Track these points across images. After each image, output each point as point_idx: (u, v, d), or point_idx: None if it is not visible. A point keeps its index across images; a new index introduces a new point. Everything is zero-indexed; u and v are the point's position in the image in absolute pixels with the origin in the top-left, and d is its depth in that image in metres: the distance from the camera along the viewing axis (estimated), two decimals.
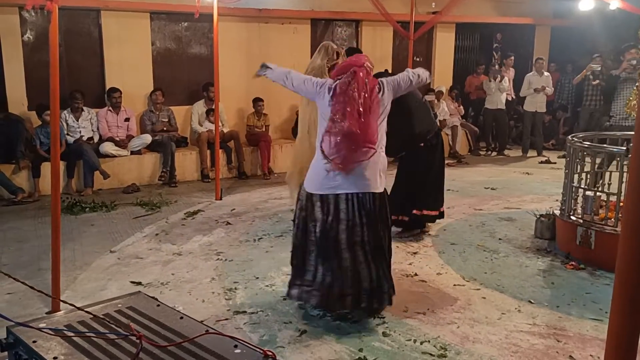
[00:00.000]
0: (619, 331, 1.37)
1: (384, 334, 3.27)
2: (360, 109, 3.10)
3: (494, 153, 9.70)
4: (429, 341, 3.19)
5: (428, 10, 9.09)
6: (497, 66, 9.85)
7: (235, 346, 1.32)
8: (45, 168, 6.35)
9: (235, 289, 3.91)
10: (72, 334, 1.31)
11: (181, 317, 1.46)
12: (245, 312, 3.54)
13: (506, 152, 9.66)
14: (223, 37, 6.84)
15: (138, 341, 1.24)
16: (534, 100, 9.38)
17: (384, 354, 3.05)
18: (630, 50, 7.03)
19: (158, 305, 1.54)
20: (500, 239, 5.06)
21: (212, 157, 7.29)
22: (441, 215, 5.05)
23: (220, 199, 6.41)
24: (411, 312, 3.55)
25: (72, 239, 4.95)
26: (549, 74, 9.61)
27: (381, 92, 3.29)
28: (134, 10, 7.44)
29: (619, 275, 1.33)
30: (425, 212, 4.89)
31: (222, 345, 1.31)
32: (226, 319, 3.44)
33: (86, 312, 1.39)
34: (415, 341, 3.19)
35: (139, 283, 4.02)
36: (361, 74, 3.20)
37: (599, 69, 8.75)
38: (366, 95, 3.15)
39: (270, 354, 1.28)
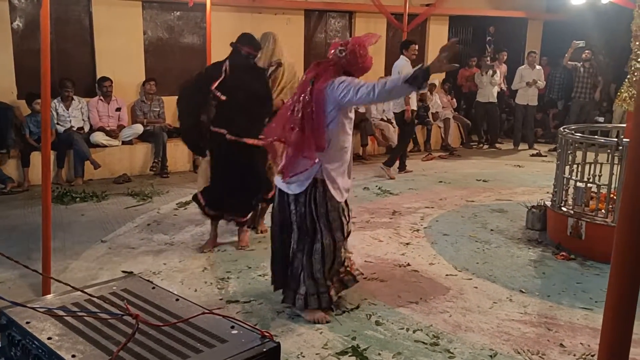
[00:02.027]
0: (614, 320, 1.38)
1: (377, 323, 3.28)
2: (293, 119, 3.01)
3: (486, 146, 9.74)
4: (421, 330, 3.21)
5: (422, 3, 9.09)
6: (489, 59, 9.87)
7: (232, 327, 1.31)
8: (35, 157, 6.27)
9: (228, 278, 3.90)
10: (66, 315, 1.30)
11: (177, 299, 1.45)
12: (238, 301, 3.54)
13: (498, 145, 9.70)
14: (216, 27, 6.78)
15: (134, 321, 1.23)
16: (525, 93, 9.42)
17: (376, 342, 3.06)
18: None
19: (153, 288, 1.53)
20: (492, 229, 5.09)
21: None
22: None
23: None
24: (404, 302, 3.57)
25: (63, 229, 4.90)
26: (540, 67, 9.65)
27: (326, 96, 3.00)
28: None
29: (615, 265, 1.34)
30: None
31: (219, 326, 1.30)
32: (219, 308, 3.43)
33: (82, 291, 1.37)
34: (407, 330, 3.20)
35: (131, 272, 3.99)
36: (305, 76, 3.09)
37: (583, 45, 8.88)
38: (302, 102, 2.99)
39: (267, 334, 1.28)
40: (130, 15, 7.46)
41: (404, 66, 6.67)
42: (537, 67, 9.51)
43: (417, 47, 7.08)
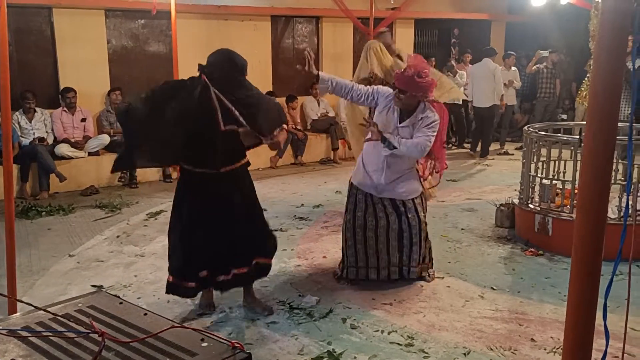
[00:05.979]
0: (577, 313, 1.42)
1: (352, 326, 3.29)
2: None
3: (454, 147, 9.86)
4: (396, 331, 3.23)
5: (387, 6, 9.18)
6: (453, 61, 10.01)
7: (202, 339, 1.30)
8: None
9: None
10: (30, 335, 1.26)
11: (145, 314, 1.43)
12: (211, 311, 3.50)
13: (466, 145, 9.84)
14: (182, 35, 6.72)
15: (100, 338, 1.20)
16: (505, 93, 9.51)
17: (352, 346, 3.07)
18: None
19: (121, 303, 1.50)
20: (462, 229, 5.17)
21: None
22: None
23: None
24: (378, 304, 3.59)
25: (28, 244, 4.78)
26: (516, 68, 9.78)
27: None
28: (88, 8, 7.22)
29: (575, 258, 1.38)
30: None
31: (189, 339, 1.28)
32: (193, 319, 3.39)
33: (45, 311, 1.34)
34: (382, 332, 3.22)
35: (101, 287, 3.91)
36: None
37: (546, 55, 9.17)
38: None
39: (238, 345, 1.27)
40: (93, 24, 7.33)
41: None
42: (512, 68, 9.65)
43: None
